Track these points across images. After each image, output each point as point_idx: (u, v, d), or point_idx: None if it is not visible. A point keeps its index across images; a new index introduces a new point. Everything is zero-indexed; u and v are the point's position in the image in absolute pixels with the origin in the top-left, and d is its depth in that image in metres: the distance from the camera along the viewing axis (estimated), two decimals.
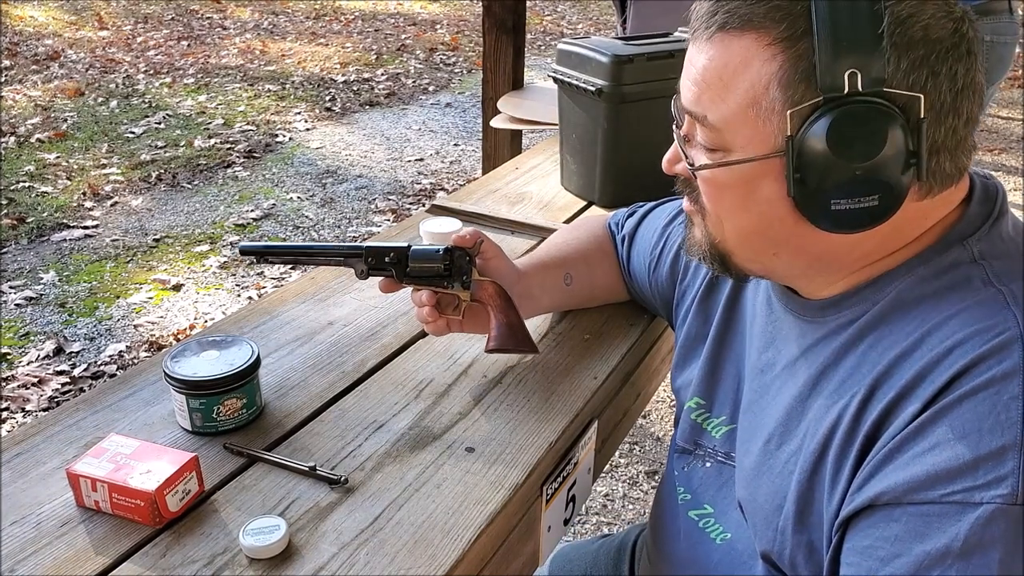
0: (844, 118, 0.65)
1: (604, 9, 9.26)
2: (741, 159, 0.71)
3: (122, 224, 3.75)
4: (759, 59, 0.68)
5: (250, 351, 0.97)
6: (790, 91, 0.67)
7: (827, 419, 0.73)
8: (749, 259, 0.79)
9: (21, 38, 6.87)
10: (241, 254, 1.04)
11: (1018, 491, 0.59)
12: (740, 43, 0.68)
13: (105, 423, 0.96)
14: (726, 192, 0.75)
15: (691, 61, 0.74)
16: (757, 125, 0.69)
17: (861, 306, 0.74)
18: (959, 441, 0.62)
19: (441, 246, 1.04)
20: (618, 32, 2.56)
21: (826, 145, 0.66)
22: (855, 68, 0.64)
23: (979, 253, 0.70)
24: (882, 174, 0.66)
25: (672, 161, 0.82)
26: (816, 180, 0.67)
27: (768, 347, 0.84)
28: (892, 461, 0.66)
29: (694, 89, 0.73)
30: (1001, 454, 0.60)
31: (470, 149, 4.87)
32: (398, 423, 0.98)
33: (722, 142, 0.72)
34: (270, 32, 7.65)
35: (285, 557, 0.78)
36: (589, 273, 1.19)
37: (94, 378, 2.68)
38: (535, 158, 1.92)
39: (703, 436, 0.93)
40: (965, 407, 0.63)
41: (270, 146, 4.81)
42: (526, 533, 0.95)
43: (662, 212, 1.14)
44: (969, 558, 0.60)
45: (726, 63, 0.70)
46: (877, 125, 0.65)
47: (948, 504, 0.62)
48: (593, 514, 2.26)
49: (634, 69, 1.48)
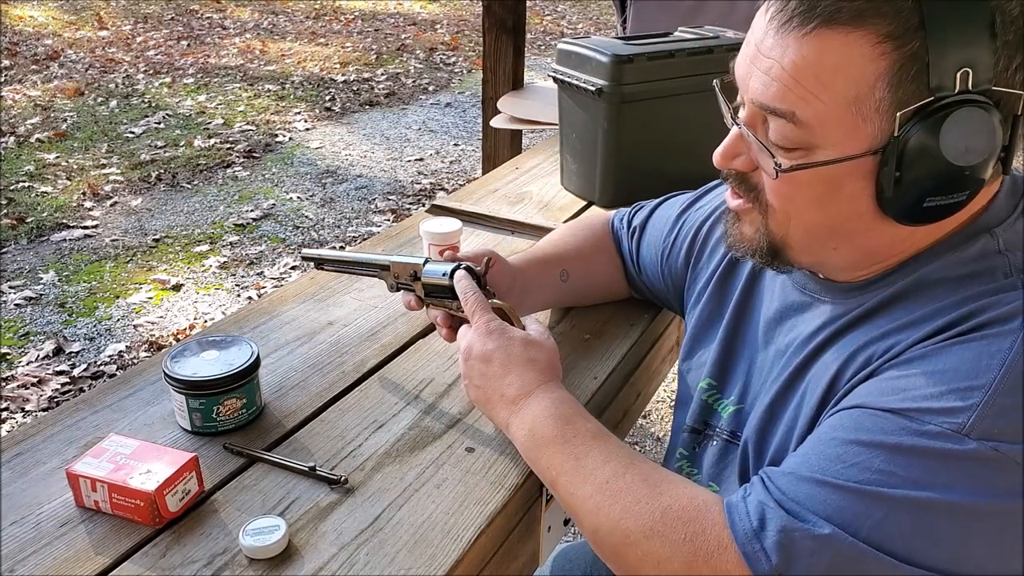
0: (958, 119, 0.64)
1: (604, 9, 9.26)
2: (834, 159, 0.69)
3: (122, 224, 3.75)
4: (866, 57, 0.65)
5: (250, 351, 0.97)
6: (899, 91, 0.65)
7: (828, 374, 0.75)
8: (806, 253, 0.78)
9: (21, 38, 6.87)
10: (303, 259, 1.16)
11: (967, 425, 0.62)
12: (844, 39, 0.65)
13: (105, 423, 0.96)
14: (803, 190, 0.72)
15: (769, 54, 0.69)
16: (856, 124, 0.67)
17: (886, 287, 0.75)
18: (935, 374, 0.65)
19: (451, 265, 1.02)
20: (618, 32, 2.56)
21: (938, 145, 0.65)
22: (967, 66, 0.63)
23: (1004, 244, 0.71)
24: (982, 171, 0.66)
25: (728, 155, 0.77)
26: (917, 179, 0.66)
27: (790, 330, 0.85)
28: (868, 380, 0.70)
29: (776, 84, 0.68)
30: (968, 391, 0.63)
31: (470, 149, 4.87)
32: (398, 423, 0.98)
33: (807, 140, 0.69)
34: (270, 32, 7.65)
35: (285, 557, 0.78)
36: (586, 269, 1.19)
37: (94, 378, 2.68)
38: (535, 158, 1.92)
39: (713, 416, 0.93)
40: (954, 350, 0.66)
41: (270, 146, 4.81)
42: (526, 533, 0.95)
43: (674, 203, 1.14)
44: (895, 455, 0.63)
45: (824, 60, 0.66)
46: (988, 124, 0.65)
47: (900, 416, 0.65)
48: None
49: (634, 69, 1.48)
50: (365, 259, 1.10)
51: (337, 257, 1.14)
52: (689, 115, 1.55)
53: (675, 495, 0.73)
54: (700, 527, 0.69)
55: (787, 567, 0.64)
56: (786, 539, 0.64)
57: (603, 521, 0.75)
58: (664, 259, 1.11)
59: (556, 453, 0.82)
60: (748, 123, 0.74)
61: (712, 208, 1.05)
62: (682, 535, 0.69)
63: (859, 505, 0.63)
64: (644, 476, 0.75)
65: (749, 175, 0.77)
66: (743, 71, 0.73)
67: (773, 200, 0.75)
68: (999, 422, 0.61)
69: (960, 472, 0.61)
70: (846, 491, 0.64)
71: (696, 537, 0.69)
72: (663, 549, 0.70)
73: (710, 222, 1.04)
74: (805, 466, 0.68)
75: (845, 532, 0.63)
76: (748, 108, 0.73)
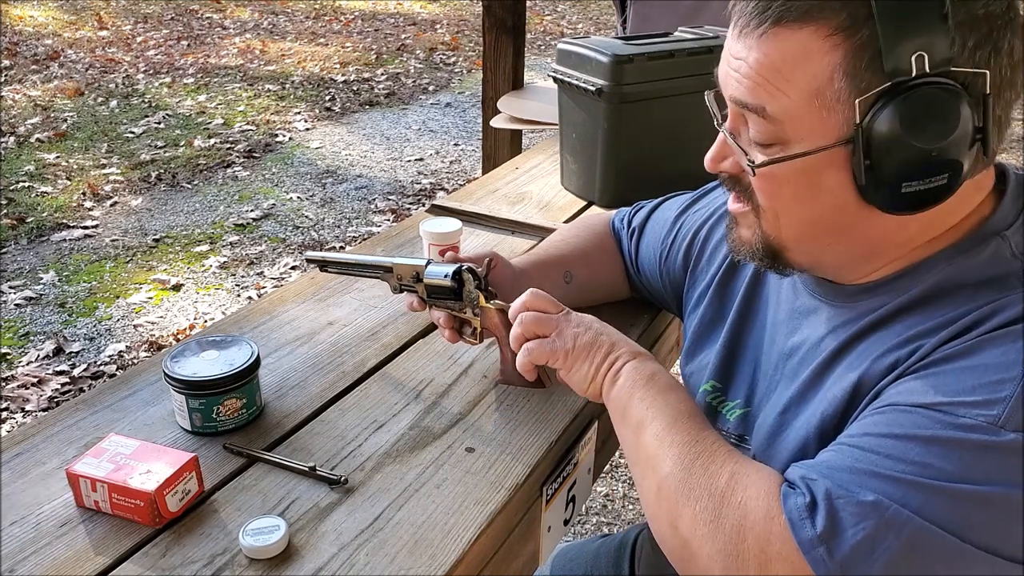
0: (916, 101, 0.65)
1: (604, 9, 9.26)
2: (805, 151, 0.70)
3: (122, 224, 3.75)
4: (820, 50, 0.67)
5: (250, 351, 0.97)
6: (856, 79, 0.66)
7: (847, 381, 0.74)
8: (802, 253, 0.78)
9: (21, 38, 6.87)
10: (307, 261, 1.15)
11: (1003, 416, 0.62)
12: (798, 36, 0.68)
13: (105, 423, 0.96)
14: (785, 186, 0.74)
15: (737, 56, 0.72)
16: (821, 115, 0.69)
17: (897, 292, 0.75)
18: (965, 371, 0.65)
19: (453, 267, 1.02)
20: (618, 32, 2.56)
21: (900, 129, 0.65)
22: (921, 50, 0.64)
23: (1017, 247, 0.71)
24: (953, 153, 0.67)
25: (717, 159, 0.80)
26: (888, 165, 0.67)
27: (795, 332, 0.85)
28: (896, 383, 0.70)
29: (747, 82, 0.71)
30: (999, 384, 0.63)
31: (470, 149, 4.87)
32: (398, 423, 0.98)
33: (780, 135, 0.71)
34: (270, 32, 7.65)
35: (285, 557, 0.78)
36: (589, 270, 1.19)
37: (94, 378, 2.68)
38: (535, 158, 1.92)
39: (718, 419, 0.93)
40: (981, 348, 0.66)
41: (270, 146, 4.81)
42: (526, 533, 0.95)
43: (673, 204, 1.14)
44: (931, 447, 0.63)
45: (783, 57, 0.69)
46: (949, 105, 0.65)
47: (933, 410, 0.65)
48: (593, 514, 2.26)
49: (634, 69, 1.48)
50: (368, 261, 1.10)
51: (341, 259, 1.14)
52: (689, 115, 1.54)
53: (747, 464, 0.74)
54: (755, 492, 0.70)
55: (832, 534, 0.64)
56: (831, 507, 0.64)
57: (679, 471, 0.74)
58: (662, 260, 1.11)
59: (665, 401, 0.81)
60: (731, 126, 0.77)
61: (711, 210, 1.05)
62: (740, 498, 0.70)
63: (898, 491, 0.63)
64: (730, 449, 0.76)
65: (741, 177, 0.79)
66: (722, 75, 0.76)
67: (761, 199, 0.77)
68: None
69: (998, 464, 0.61)
70: (883, 478, 0.64)
71: (750, 501, 0.69)
72: (720, 507, 0.70)
73: (709, 224, 1.04)
74: (838, 458, 0.68)
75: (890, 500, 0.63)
76: (730, 109, 0.76)
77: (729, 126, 0.77)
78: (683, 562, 0.74)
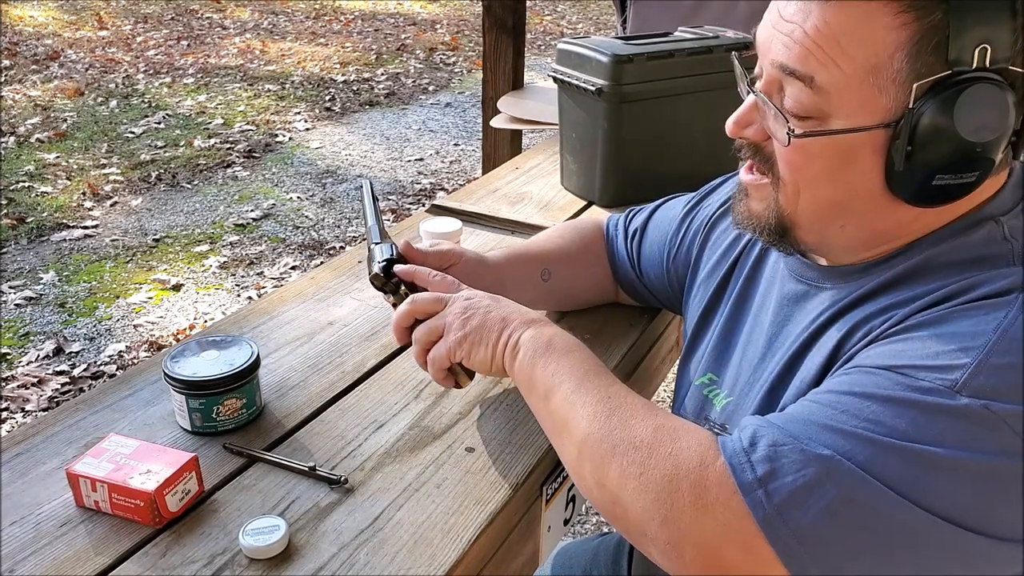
0: (975, 94, 0.64)
1: (604, 9, 9.26)
2: (847, 128, 0.68)
3: (122, 224, 3.75)
4: (887, 26, 0.65)
5: (250, 351, 0.97)
6: (917, 62, 0.65)
7: (827, 349, 0.74)
8: (813, 231, 0.77)
9: (21, 38, 6.87)
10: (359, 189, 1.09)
11: (960, 382, 0.62)
12: (866, 7, 0.65)
13: (105, 423, 0.96)
14: (816, 161, 0.72)
15: (790, 19, 0.69)
16: (872, 94, 0.67)
17: (888, 270, 0.74)
18: (932, 338, 0.65)
19: (384, 258, 0.99)
20: (618, 32, 2.56)
21: (952, 120, 0.64)
22: (986, 43, 0.63)
23: (1010, 231, 0.71)
24: (992, 151, 0.66)
25: (741, 123, 0.77)
26: (928, 154, 0.66)
27: (786, 322, 0.84)
28: (868, 347, 0.70)
29: (799, 48, 0.68)
30: (962, 351, 0.63)
31: (470, 149, 4.87)
32: (398, 423, 0.98)
33: (822, 107, 0.69)
34: (270, 32, 7.65)
35: (285, 557, 0.78)
36: (569, 271, 1.16)
37: (94, 378, 2.68)
38: (535, 158, 1.92)
39: (711, 410, 0.93)
40: (952, 318, 0.66)
41: (270, 146, 4.81)
42: (526, 533, 0.95)
43: (677, 204, 1.13)
44: (886, 406, 0.63)
45: (844, 27, 0.66)
46: (1003, 103, 0.65)
47: (894, 371, 0.65)
48: (593, 514, 2.26)
49: (634, 69, 1.48)
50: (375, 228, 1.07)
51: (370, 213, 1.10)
52: (689, 115, 1.55)
53: (672, 419, 0.72)
54: (687, 443, 0.68)
55: (771, 478, 0.63)
56: (774, 453, 0.64)
57: (596, 429, 0.73)
58: (669, 260, 1.10)
59: (568, 363, 0.80)
60: (765, 90, 0.73)
61: (718, 204, 1.05)
62: (668, 449, 0.68)
63: (848, 444, 0.62)
64: (646, 402, 0.75)
65: (762, 146, 0.77)
66: (765, 35, 0.73)
67: (784, 171, 0.75)
68: (991, 380, 0.61)
69: (949, 427, 0.61)
70: (836, 431, 0.63)
71: (681, 452, 0.68)
72: (648, 459, 0.68)
73: (714, 218, 1.04)
74: (796, 409, 0.68)
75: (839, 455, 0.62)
76: (767, 73, 0.73)
77: (764, 88, 0.74)
78: (616, 519, 0.72)
